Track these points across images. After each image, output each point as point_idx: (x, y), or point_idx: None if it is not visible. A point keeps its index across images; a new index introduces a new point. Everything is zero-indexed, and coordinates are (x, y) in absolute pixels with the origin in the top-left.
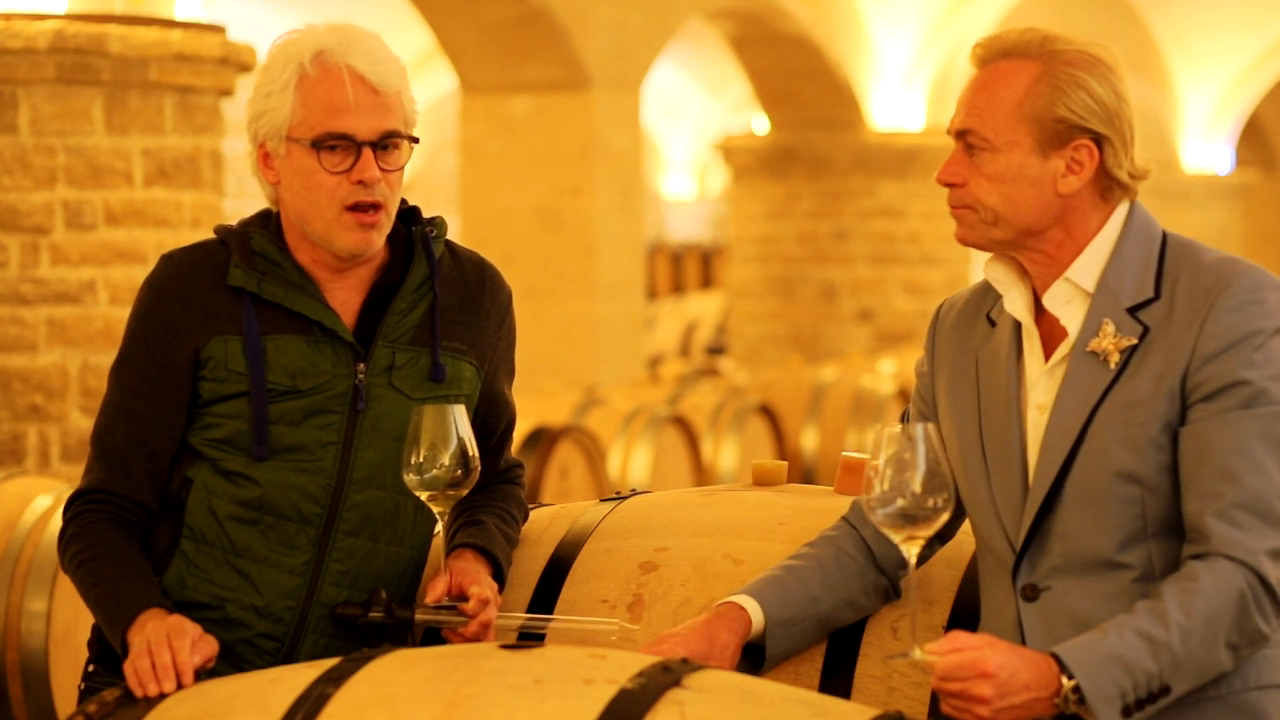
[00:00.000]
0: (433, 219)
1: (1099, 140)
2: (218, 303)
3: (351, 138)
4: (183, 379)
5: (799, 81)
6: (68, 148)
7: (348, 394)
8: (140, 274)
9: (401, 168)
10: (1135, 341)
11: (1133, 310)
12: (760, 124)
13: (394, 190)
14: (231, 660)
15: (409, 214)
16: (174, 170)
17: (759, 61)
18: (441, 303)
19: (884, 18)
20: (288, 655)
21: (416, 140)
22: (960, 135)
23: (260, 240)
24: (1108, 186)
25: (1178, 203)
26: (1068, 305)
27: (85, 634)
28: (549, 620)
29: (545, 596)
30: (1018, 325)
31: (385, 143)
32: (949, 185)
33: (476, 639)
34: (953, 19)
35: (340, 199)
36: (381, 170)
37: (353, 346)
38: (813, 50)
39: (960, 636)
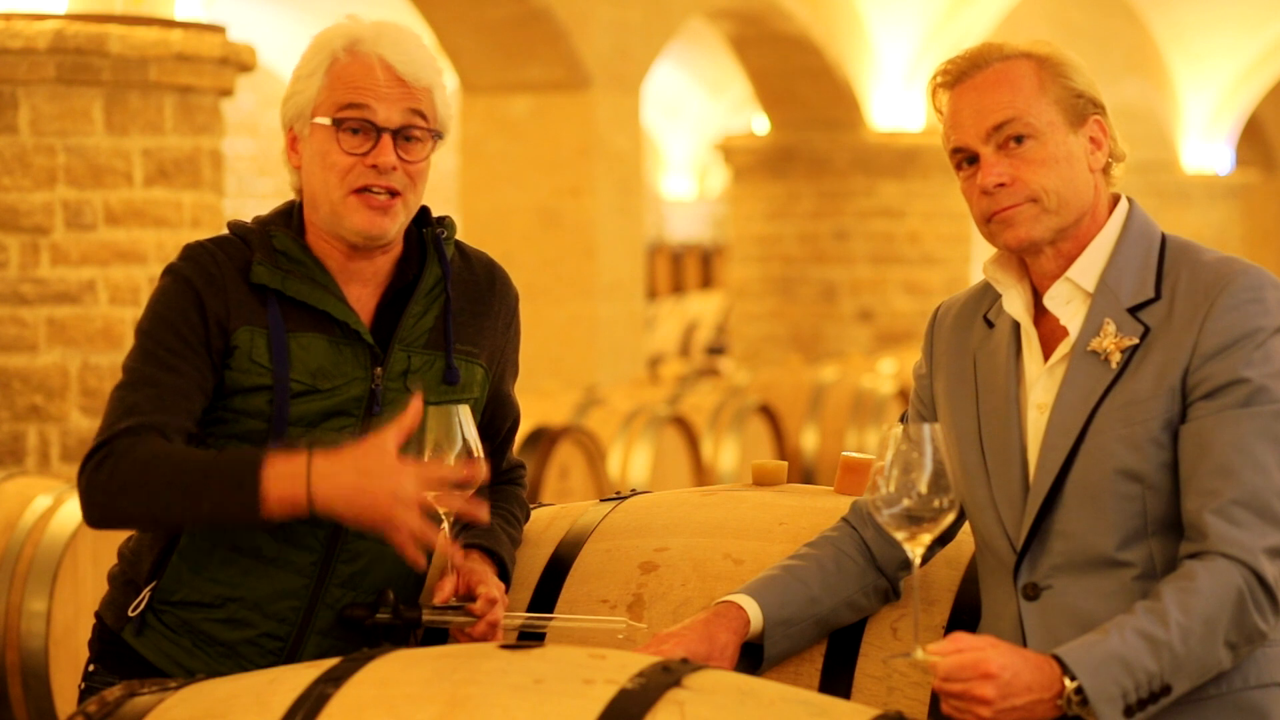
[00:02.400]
0: (442, 219)
1: (1102, 114)
2: (245, 294)
3: (372, 120)
4: (215, 359)
5: (799, 81)
6: (68, 148)
7: (364, 398)
8: (141, 274)
9: (423, 161)
10: (1136, 341)
11: (1133, 310)
12: (760, 124)
13: (415, 182)
14: (233, 659)
15: (419, 213)
16: (174, 170)
17: (759, 61)
18: (454, 305)
19: (884, 18)
20: (291, 655)
21: (440, 136)
22: (994, 134)
23: (283, 239)
24: (1107, 165)
25: (1178, 203)
26: (1068, 305)
27: (85, 634)
28: (557, 620)
29: (545, 596)
30: (1016, 325)
31: (407, 133)
32: (998, 186)
33: (484, 639)
34: (953, 19)
35: (351, 182)
36: (401, 160)
37: (372, 349)
38: (813, 50)
39: (963, 637)
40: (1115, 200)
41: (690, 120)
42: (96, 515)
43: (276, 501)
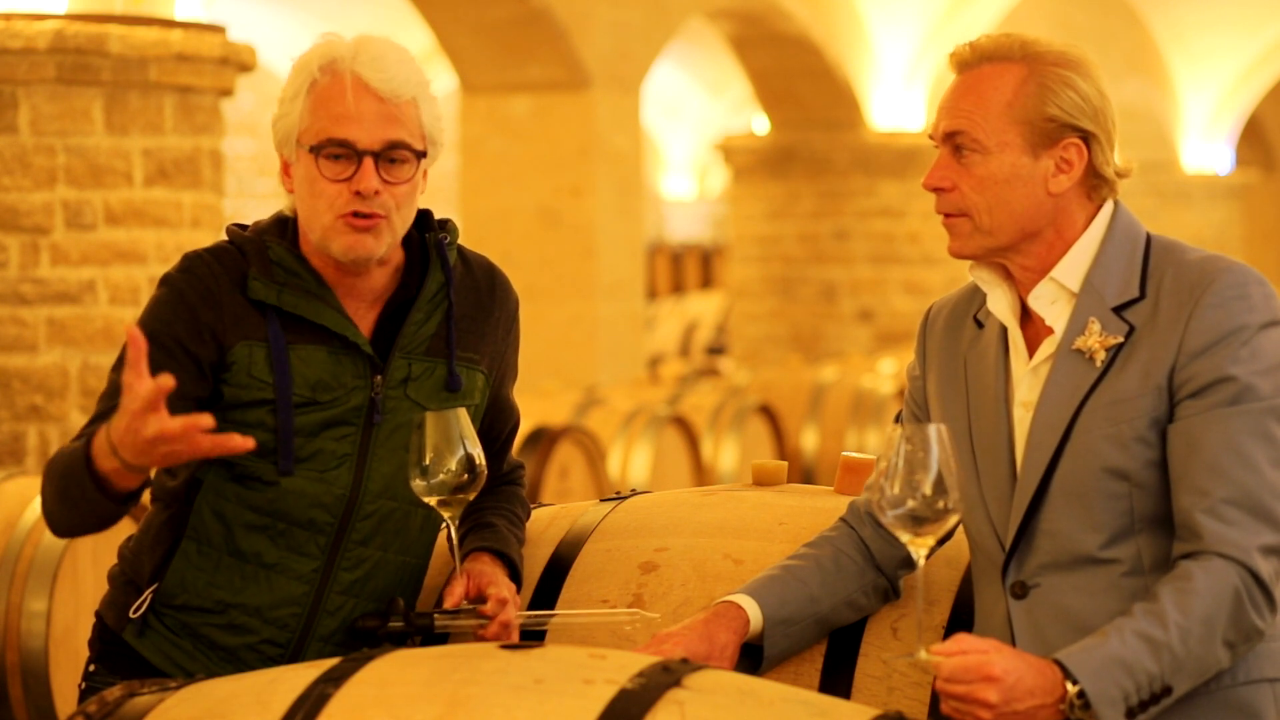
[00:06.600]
0: (444, 223)
1: (1087, 138)
2: (243, 308)
3: (352, 146)
4: (205, 370)
5: (799, 81)
6: (68, 148)
7: (364, 406)
8: (141, 274)
9: (409, 181)
10: (1121, 340)
11: (1118, 309)
12: (760, 124)
13: (400, 203)
14: (234, 664)
15: (421, 218)
16: (174, 170)
17: (759, 61)
18: (455, 311)
19: (884, 18)
20: (292, 661)
21: (424, 154)
22: (948, 138)
23: (278, 249)
24: (1095, 185)
25: (1178, 203)
26: (1053, 305)
27: (85, 634)
28: (567, 615)
29: (545, 596)
30: (1004, 325)
31: (390, 154)
32: (938, 190)
33: (497, 640)
34: (953, 19)
35: (338, 208)
36: (385, 182)
37: (371, 359)
38: (813, 50)
39: (966, 639)
40: (1100, 205)
41: (690, 120)
42: (51, 528)
43: (112, 475)
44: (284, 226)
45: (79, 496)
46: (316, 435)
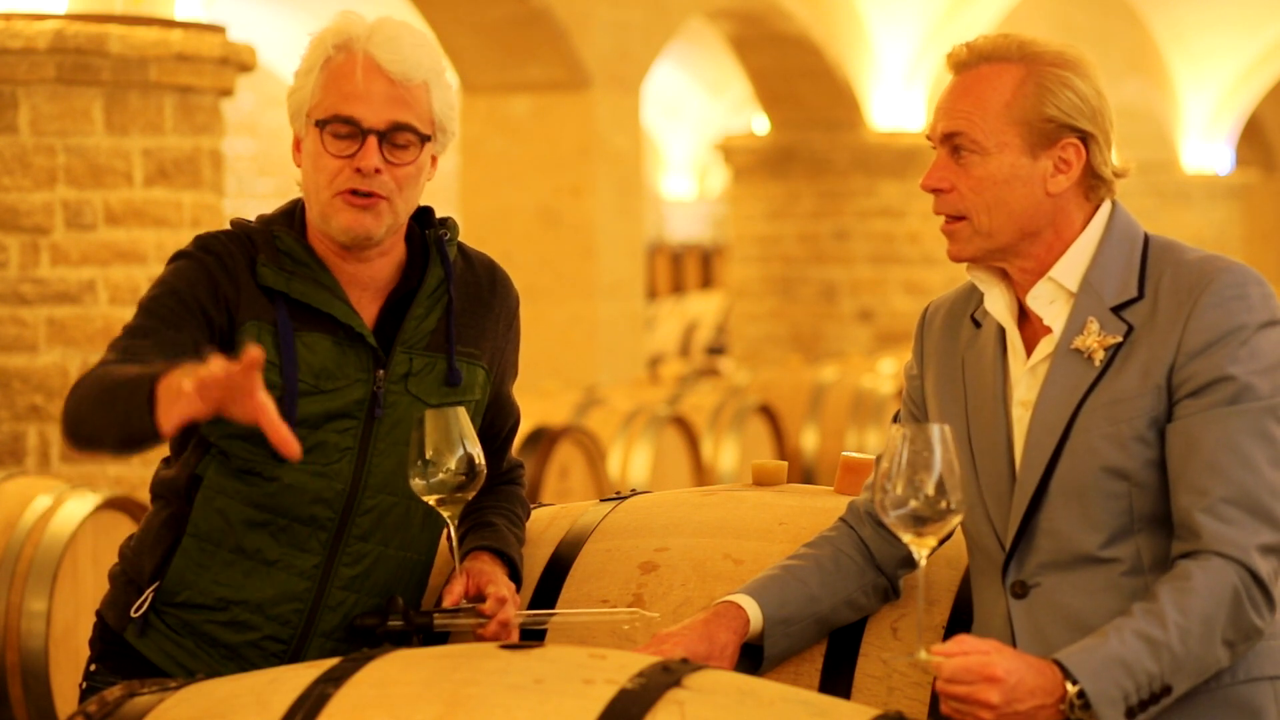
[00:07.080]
0: (445, 220)
1: (1085, 139)
2: (254, 290)
3: (357, 124)
4: (215, 334)
5: (799, 81)
6: (68, 148)
7: (365, 400)
8: (141, 274)
9: (412, 164)
10: (1120, 340)
11: (1117, 309)
12: (760, 124)
13: (403, 186)
14: (236, 661)
15: (422, 215)
16: (174, 170)
17: (759, 61)
18: (455, 306)
19: (884, 18)
20: (294, 657)
21: (429, 138)
22: (946, 139)
23: (287, 240)
24: (1093, 185)
25: (1178, 203)
26: (1051, 305)
27: (85, 634)
28: (567, 615)
29: (545, 596)
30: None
31: (395, 136)
32: (936, 191)
33: (497, 639)
34: (953, 19)
35: (338, 185)
36: (388, 163)
37: (374, 352)
38: (813, 50)
39: (967, 640)
40: (1098, 205)
41: (690, 120)
42: (68, 438)
43: (165, 420)
44: (291, 217)
45: (125, 414)
46: (319, 427)
